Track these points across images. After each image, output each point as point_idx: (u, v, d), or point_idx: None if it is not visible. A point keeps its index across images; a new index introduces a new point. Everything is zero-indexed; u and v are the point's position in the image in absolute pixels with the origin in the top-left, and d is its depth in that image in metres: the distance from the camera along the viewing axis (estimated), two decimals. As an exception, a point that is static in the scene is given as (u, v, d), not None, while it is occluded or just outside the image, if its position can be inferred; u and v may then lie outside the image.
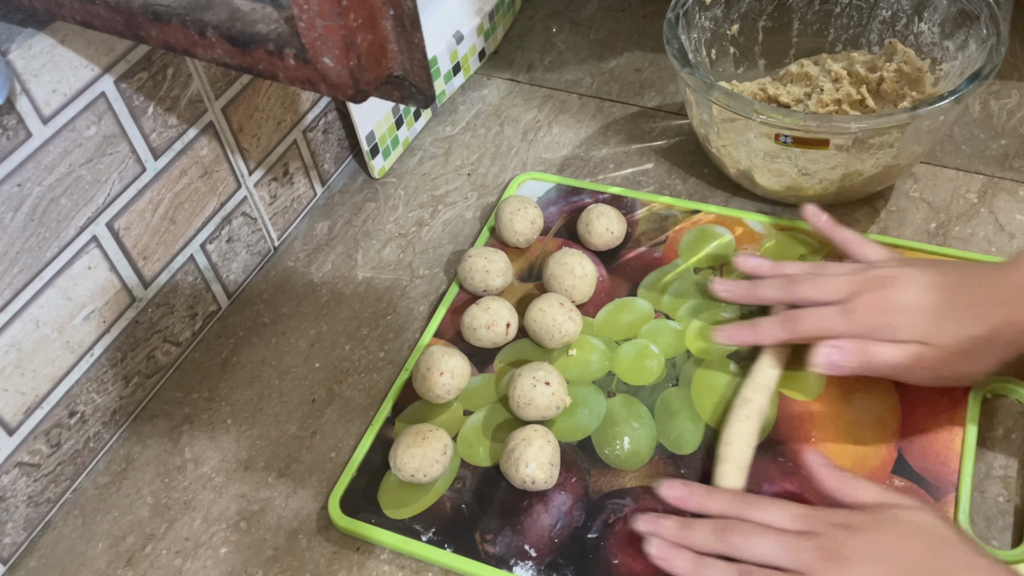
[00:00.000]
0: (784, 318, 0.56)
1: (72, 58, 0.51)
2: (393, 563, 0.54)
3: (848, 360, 0.53)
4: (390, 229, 0.74)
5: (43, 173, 0.51)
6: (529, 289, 0.66)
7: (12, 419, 0.53)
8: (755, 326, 0.58)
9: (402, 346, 0.65)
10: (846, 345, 0.53)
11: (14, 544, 0.56)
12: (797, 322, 0.56)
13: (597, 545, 0.52)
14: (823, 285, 0.56)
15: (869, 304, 0.53)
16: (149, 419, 0.63)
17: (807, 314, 0.56)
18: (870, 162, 0.63)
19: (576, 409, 0.58)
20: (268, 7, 0.40)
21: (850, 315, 0.54)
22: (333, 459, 0.59)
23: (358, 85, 0.38)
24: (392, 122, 0.76)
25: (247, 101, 0.65)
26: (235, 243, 0.68)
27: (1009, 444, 0.55)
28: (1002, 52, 0.61)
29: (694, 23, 0.70)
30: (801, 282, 0.57)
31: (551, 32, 0.91)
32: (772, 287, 0.59)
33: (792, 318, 0.56)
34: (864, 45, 0.74)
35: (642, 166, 0.76)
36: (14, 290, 0.51)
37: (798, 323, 0.56)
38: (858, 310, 0.53)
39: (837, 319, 0.54)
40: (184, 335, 0.66)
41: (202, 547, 0.56)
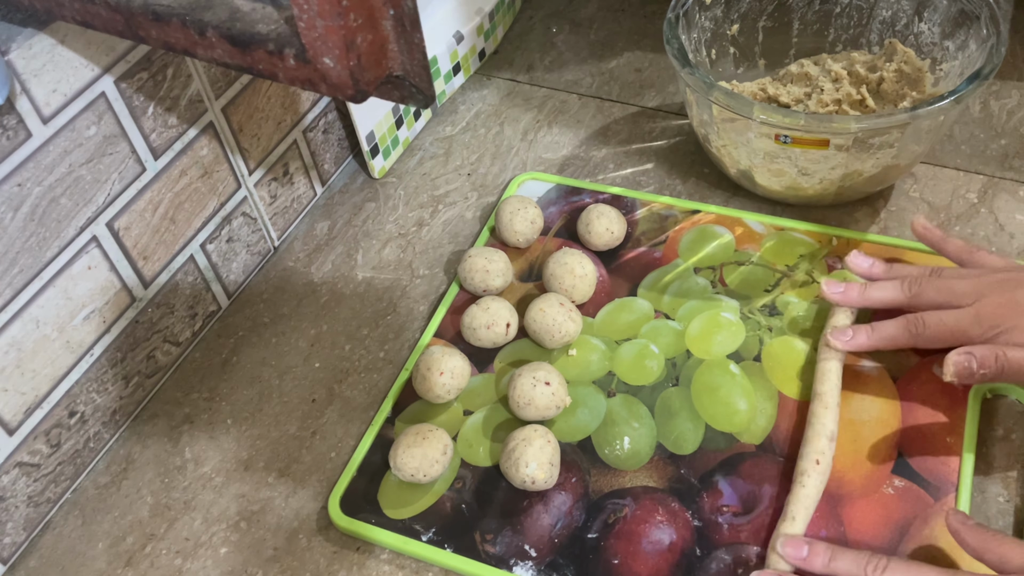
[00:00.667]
0: (908, 321, 0.53)
1: (72, 58, 0.51)
2: (393, 563, 0.54)
3: (982, 367, 0.49)
4: (390, 229, 0.74)
5: (43, 173, 0.51)
6: (529, 289, 0.66)
7: (12, 419, 0.53)
8: (876, 330, 0.55)
9: (402, 346, 0.65)
10: (980, 352, 0.49)
11: (14, 544, 0.56)
12: (921, 325, 0.53)
13: (597, 545, 0.52)
14: (946, 287, 0.53)
15: (997, 306, 0.51)
16: (149, 419, 0.63)
17: (931, 316, 0.53)
18: (870, 162, 0.63)
19: (576, 409, 0.58)
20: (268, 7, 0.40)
21: (978, 317, 0.51)
22: (333, 459, 0.59)
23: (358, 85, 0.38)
24: (392, 122, 0.76)
25: (247, 101, 0.65)
26: (235, 243, 0.68)
27: (1009, 444, 0.55)
28: (1002, 52, 0.61)
29: (694, 23, 0.70)
30: (923, 284, 0.54)
31: (551, 32, 0.91)
32: (890, 289, 0.56)
33: (915, 321, 0.53)
34: (864, 45, 0.74)
35: (642, 166, 0.76)
36: (14, 290, 0.51)
37: (922, 326, 0.53)
38: (986, 312, 0.51)
39: (964, 320, 0.51)
40: (184, 335, 0.66)
41: (202, 547, 0.56)
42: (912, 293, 0.55)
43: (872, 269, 0.58)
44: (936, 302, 0.53)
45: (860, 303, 0.57)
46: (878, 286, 0.57)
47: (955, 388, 0.56)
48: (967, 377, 0.50)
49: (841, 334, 0.56)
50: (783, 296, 0.63)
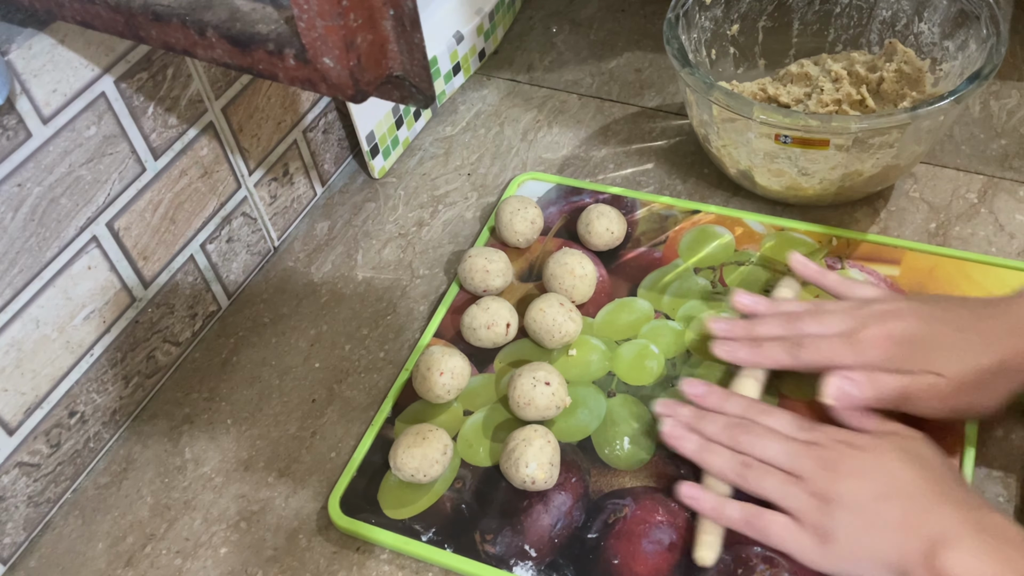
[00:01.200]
0: (789, 344, 0.55)
1: (72, 58, 0.51)
2: (393, 563, 0.54)
3: (860, 391, 0.52)
4: (390, 229, 0.74)
5: (43, 173, 0.51)
6: (529, 289, 0.66)
7: (12, 419, 0.53)
8: (758, 348, 0.57)
9: (402, 346, 0.65)
10: (857, 376, 0.52)
11: (14, 544, 0.56)
12: (802, 349, 0.55)
13: (597, 545, 0.52)
14: (825, 320, 0.55)
15: (876, 336, 0.52)
16: (149, 419, 0.63)
17: (810, 341, 0.55)
18: (870, 162, 0.63)
19: (576, 409, 0.58)
20: (268, 7, 0.40)
21: (856, 346, 0.53)
22: (333, 459, 0.59)
23: (358, 85, 0.38)
24: (392, 122, 0.76)
25: (247, 101, 0.65)
26: (235, 243, 0.68)
27: (1009, 444, 0.55)
28: (1002, 52, 0.61)
29: (694, 23, 0.70)
30: (803, 318, 0.56)
31: (551, 32, 0.91)
32: (772, 325, 0.57)
33: (797, 344, 0.55)
34: (864, 45, 0.74)
35: (642, 166, 0.76)
36: (14, 290, 0.51)
37: (802, 350, 0.55)
38: (865, 341, 0.53)
39: (842, 349, 0.53)
40: (184, 335, 0.66)
41: (202, 547, 0.56)
42: (792, 327, 0.56)
43: (757, 306, 0.60)
44: (816, 335, 0.55)
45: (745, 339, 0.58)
46: (763, 321, 0.58)
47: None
48: (846, 400, 0.52)
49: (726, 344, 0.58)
50: None
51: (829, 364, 0.53)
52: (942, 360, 0.51)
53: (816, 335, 0.55)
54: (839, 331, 0.54)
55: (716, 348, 0.58)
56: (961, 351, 0.51)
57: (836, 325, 0.55)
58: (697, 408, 0.55)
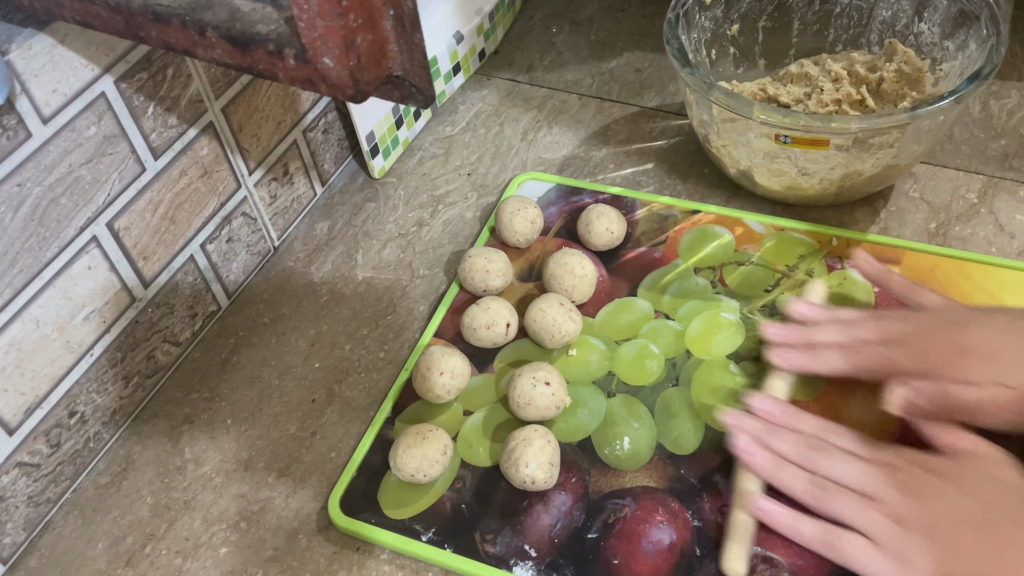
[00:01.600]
0: (847, 350, 0.54)
1: (72, 58, 0.51)
2: (393, 563, 0.54)
3: (926, 402, 0.50)
4: (390, 229, 0.74)
5: (43, 173, 0.51)
6: (529, 289, 0.66)
7: (12, 419, 0.53)
8: (815, 354, 0.56)
9: (402, 346, 0.65)
10: (924, 387, 0.50)
11: (14, 544, 0.56)
12: (861, 355, 0.54)
13: (597, 545, 0.52)
14: (886, 327, 0.54)
15: (938, 344, 0.51)
16: (149, 419, 0.63)
17: (870, 347, 0.53)
18: (870, 162, 0.63)
19: (576, 409, 0.58)
20: (268, 7, 0.40)
21: (918, 353, 0.51)
22: (333, 459, 0.59)
23: (358, 85, 0.38)
24: (392, 122, 0.76)
25: (247, 101, 0.65)
26: (235, 243, 0.68)
27: (1009, 444, 0.55)
28: (1002, 52, 0.61)
29: (694, 23, 0.70)
30: (862, 325, 0.55)
31: (551, 32, 0.91)
32: (829, 331, 0.56)
33: (856, 351, 0.54)
34: (864, 45, 0.74)
35: (642, 166, 0.76)
36: (14, 290, 0.51)
37: (862, 356, 0.54)
38: (927, 349, 0.51)
39: (904, 355, 0.52)
40: (184, 335, 0.66)
41: (202, 547, 0.56)
42: (851, 334, 0.55)
43: (814, 316, 0.59)
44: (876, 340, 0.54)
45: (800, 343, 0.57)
46: (820, 329, 0.57)
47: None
48: (911, 410, 0.51)
49: (784, 352, 0.57)
50: (783, 296, 0.63)
51: (887, 372, 0.52)
52: (1008, 371, 0.49)
53: (875, 341, 0.54)
54: (899, 338, 0.53)
55: (772, 355, 0.57)
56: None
57: (896, 331, 0.53)
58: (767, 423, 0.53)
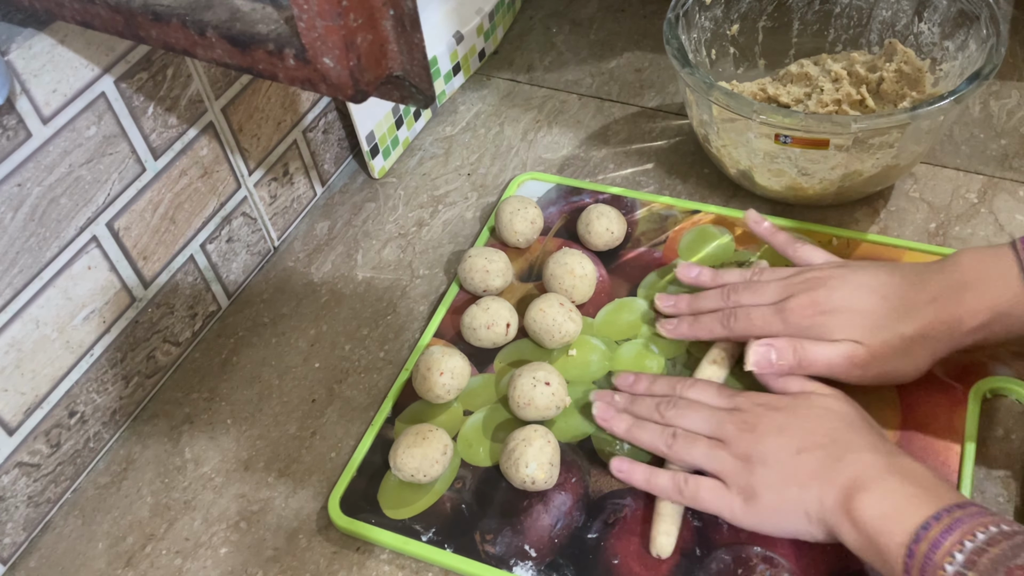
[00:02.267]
0: (722, 316, 0.58)
1: (72, 58, 0.51)
2: (393, 563, 0.54)
3: (781, 358, 0.54)
4: (390, 229, 0.74)
5: (43, 173, 0.51)
6: (529, 289, 0.66)
7: (12, 419, 0.53)
8: (696, 321, 0.60)
9: (402, 346, 0.65)
10: (779, 344, 0.54)
11: (14, 544, 0.56)
12: (733, 320, 0.57)
13: (597, 545, 0.52)
14: (759, 290, 0.58)
15: (802, 305, 0.55)
16: (149, 419, 0.63)
17: (741, 312, 0.57)
18: (870, 162, 0.63)
19: (576, 409, 0.58)
20: (268, 7, 0.40)
21: (783, 315, 0.55)
22: (333, 459, 0.59)
23: (358, 85, 0.38)
24: (392, 122, 0.76)
25: (247, 101, 0.65)
26: (235, 243, 0.68)
27: (1009, 444, 0.55)
28: (1002, 52, 0.61)
29: (694, 23, 0.70)
30: (739, 290, 0.59)
31: (551, 32, 0.91)
32: (711, 298, 0.60)
33: (728, 315, 0.58)
34: (864, 45, 0.74)
35: (642, 166, 0.76)
36: (14, 290, 0.51)
37: (735, 321, 0.57)
38: (791, 310, 0.55)
39: (771, 318, 0.56)
40: (184, 335, 0.66)
41: (202, 547, 0.56)
42: (729, 299, 0.59)
43: (699, 277, 0.62)
44: (751, 303, 0.58)
45: (688, 312, 0.61)
46: (704, 295, 0.61)
47: (955, 388, 0.56)
48: (767, 366, 0.54)
49: (667, 323, 0.61)
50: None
51: (759, 334, 0.56)
52: (863, 328, 0.53)
53: (749, 306, 0.57)
54: (770, 301, 0.57)
55: (659, 327, 0.61)
56: (882, 319, 0.53)
57: (768, 295, 0.57)
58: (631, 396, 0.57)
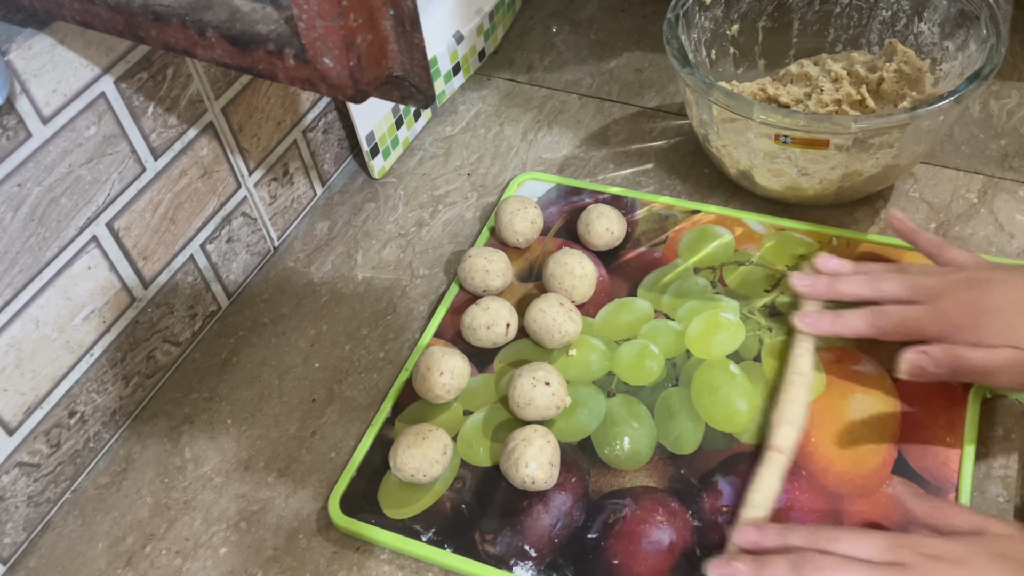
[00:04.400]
0: (869, 312, 0.54)
1: (72, 58, 0.51)
2: (393, 563, 0.54)
3: (936, 366, 0.51)
4: (390, 229, 0.74)
5: (43, 173, 0.51)
6: (529, 289, 0.66)
7: (12, 419, 0.53)
8: (838, 316, 0.56)
9: (402, 346, 0.65)
10: (934, 351, 0.51)
11: (14, 544, 0.56)
12: (882, 317, 0.54)
13: (597, 545, 0.52)
14: (909, 283, 0.54)
15: (958, 304, 0.51)
16: (149, 419, 0.63)
17: (893, 310, 0.53)
18: (870, 162, 0.63)
19: (576, 409, 0.58)
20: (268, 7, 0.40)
21: (937, 314, 0.52)
22: (333, 459, 0.59)
23: (358, 85, 0.38)
24: (392, 122, 0.76)
25: (247, 101, 0.65)
26: (235, 243, 0.68)
27: (1009, 444, 0.55)
28: (1002, 52, 0.61)
29: (694, 23, 0.70)
30: (886, 278, 0.55)
31: (551, 32, 0.91)
32: (855, 283, 0.56)
33: (877, 313, 0.54)
34: (864, 45, 0.74)
35: (642, 166, 0.76)
36: (14, 290, 0.51)
37: (883, 318, 0.54)
38: (946, 310, 0.51)
39: (924, 316, 0.52)
40: (184, 335, 0.66)
41: (202, 547, 0.56)
42: (875, 286, 0.55)
43: (841, 269, 0.59)
44: (900, 298, 0.54)
45: (827, 295, 0.58)
46: (845, 279, 0.57)
47: (955, 388, 0.56)
48: (920, 374, 0.51)
49: (806, 317, 0.58)
50: (783, 296, 0.63)
51: (908, 335, 0.52)
52: (1016, 331, 0.49)
53: (895, 299, 0.54)
54: (921, 296, 0.53)
55: (798, 321, 0.58)
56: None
57: (920, 290, 0.53)
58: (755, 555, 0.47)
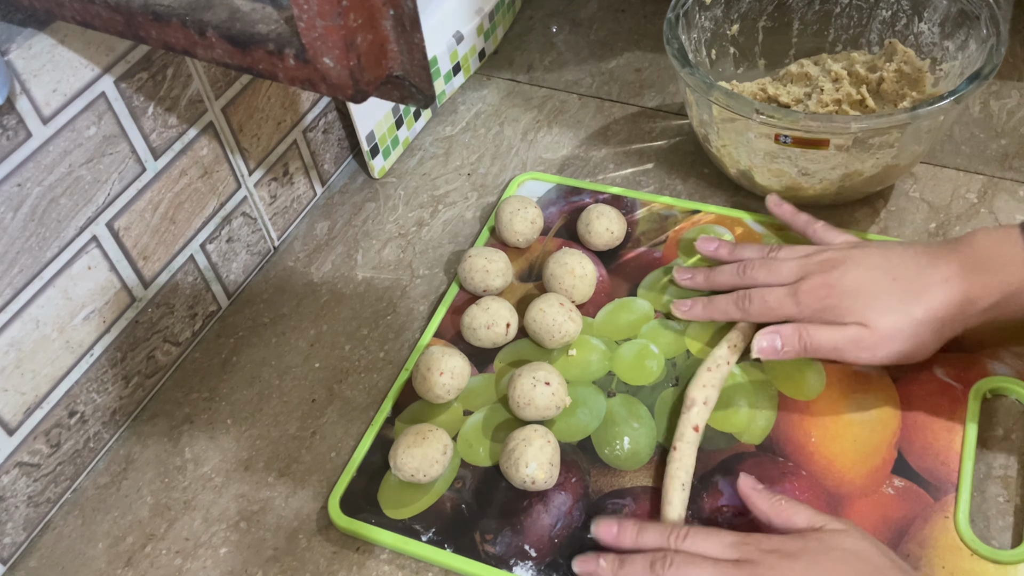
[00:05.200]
0: (736, 297, 0.58)
1: (72, 58, 0.51)
2: (393, 563, 0.54)
3: (786, 345, 0.54)
4: (390, 229, 0.74)
5: (43, 173, 0.51)
6: (529, 289, 0.66)
7: (12, 419, 0.53)
8: (710, 303, 0.60)
9: (402, 346, 0.65)
10: (785, 331, 0.54)
11: (14, 544, 0.56)
12: (747, 301, 0.57)
13: (597, 545, 0.52)
14: (775, 269, 0.58)
15: (815, 286, 0.55)
16: (149, 419, 0.63)
17: (756, 294, 0.57)
18: (870, 162, 0.63)
19: (576, 409, 0.58)
20: (268, 7, 0.40)
21: (796, 296, 0.55)
22: (333, 459, 0.59)
23: (358, 85, 0.38)
24: (392, 122, 0.76)
25: (247, 101, 0.65)
26: (235, 243, 0.68)
27: (1009, 444, 0.55)
28: (1002, 52, 0.61)
29: (694, 23, 0.70)
30: (755, 267, 0.59)
31: (551, 32, 0.91)
32: (728, 273, 0.60)
33: (743, 297, 0.58)
34: (864, 45, 0.74)
35: (642, 166, 0.76)
36: (14, 290, 0.51)
37: (748, 303, 0.57)
38: (804, 292, 0.55)
39: (784, 300, 0.56)
40: (184, 335, 0.66)
41: (202, 547, 0.56)
42: (745, 276, 0.59)
43: (718, 251, 0.63)
44: (765, 283, 0.58)
45: (704, 286, 0.62)
46: (720, 270, 0.61)
47: (955, 388, 0.56)
48: (773, 354, 0.55)
49: (681, 304, 0.62)
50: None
51: (773, 317, 0.56)
52: (873, 311, 0.52)
53: (764, 285, 0.57)
54: (786, 280, 0.56)
55: (675, 308, 0.62)
56: (893, 301, 0.52)
57: (784, 274, 0.57)
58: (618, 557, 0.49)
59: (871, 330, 0.52)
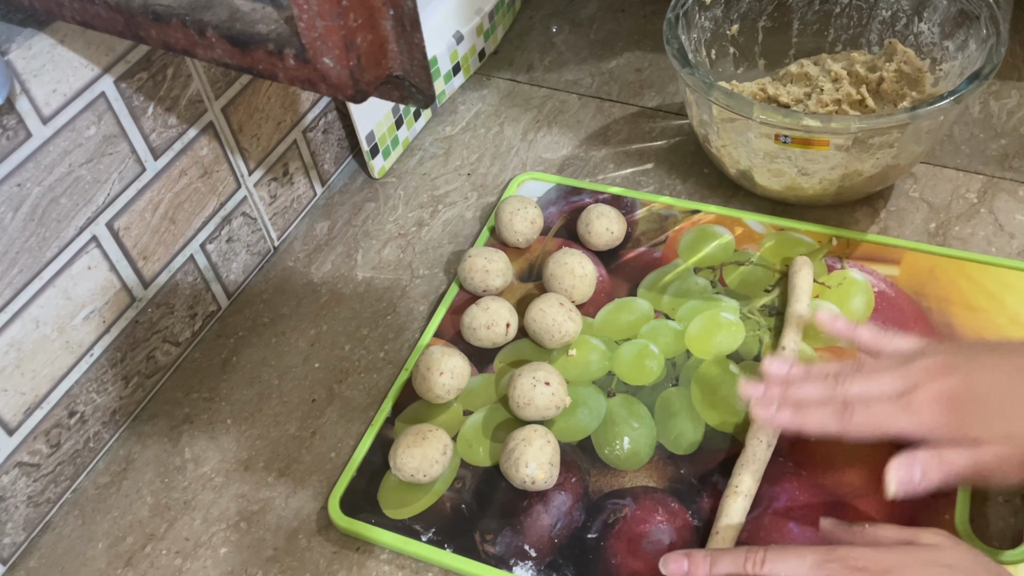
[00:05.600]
0: (836, 409, 0.49)
1: (72, 58, 0.51)
2: (393, 563, 0.54)
3: (924, 476, 0.46)
4: (390, 229, 0.74)
5: (43, 173, 0.51)
6: (529, 289, 0.66)
7: (12, 419, 0.53)
8: (802, 410, 0.50)
9: (402, 346, 0.65)
10: (922, 458, 0.46)
11: (14, 544, 0.56)
12: (851, 413, 0.48)
13: (597, 545, 0.52)
14: (873, 380, 0.49)
15: (933, 396, 0.46)
16: (149, 419, 0.63)
17: (861, 406, 0.48)
18: (870, 162, 0.63)
19: (576, 409, 0.58)
20: (268, 7, 0.40)
21: (911, 409, 0.47)
22: (333, 459, 0.59)
23: (358, 85, 0.38)
24: (392, 122, 0.76)
25: (247, 101, 0.65)
26: (235, 243, 0.68)
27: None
28: (1002, 52, 0.61)
29: (694, 23, 0.70)
30: (847, 379, 0.50)
31: (551, 32, 0.91)
32: (813, 387, 0.51)
33: (845, 409, 0.48)
34: (864, 45, 0.74)
35: (642, 166, 0.76)
36: (14, 290, 0.51)
37: (853, 415, 0.48)
38: (920, 403, 0.47)
39: (896, 414, 0.47)
40: (184, 335, 0.66)
41: (202, 547, 0.56)
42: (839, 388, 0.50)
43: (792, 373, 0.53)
44: (862, 395, 0.49)
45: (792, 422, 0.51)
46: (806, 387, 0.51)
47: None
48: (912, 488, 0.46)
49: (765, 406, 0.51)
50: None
51: (881, 431, 0.48)
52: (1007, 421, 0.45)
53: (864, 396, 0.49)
54: (889, 392, 0.48)
55: (754, 410, 0.52)
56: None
57: (884, 385, 0.48)
58: None
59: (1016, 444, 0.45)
